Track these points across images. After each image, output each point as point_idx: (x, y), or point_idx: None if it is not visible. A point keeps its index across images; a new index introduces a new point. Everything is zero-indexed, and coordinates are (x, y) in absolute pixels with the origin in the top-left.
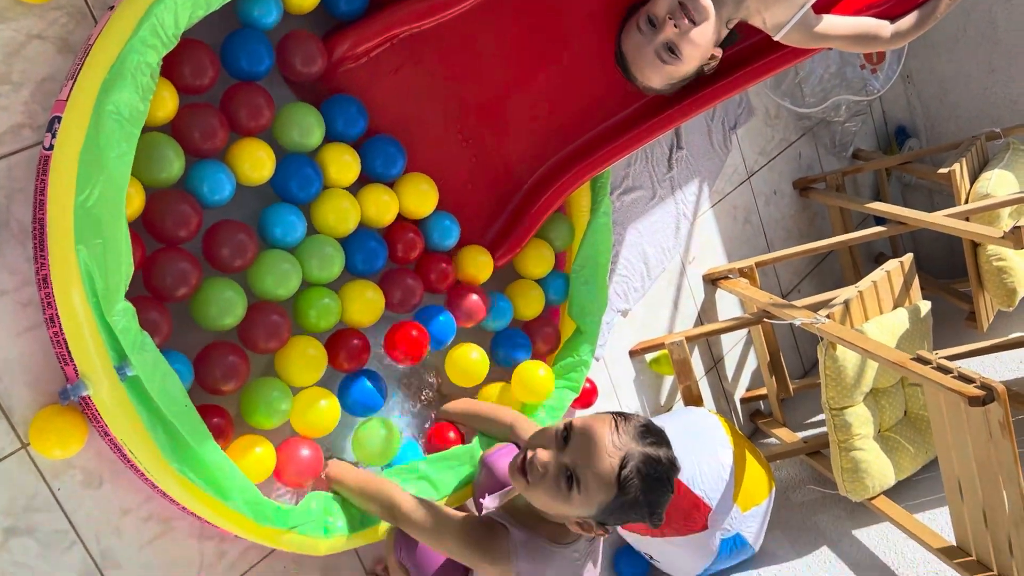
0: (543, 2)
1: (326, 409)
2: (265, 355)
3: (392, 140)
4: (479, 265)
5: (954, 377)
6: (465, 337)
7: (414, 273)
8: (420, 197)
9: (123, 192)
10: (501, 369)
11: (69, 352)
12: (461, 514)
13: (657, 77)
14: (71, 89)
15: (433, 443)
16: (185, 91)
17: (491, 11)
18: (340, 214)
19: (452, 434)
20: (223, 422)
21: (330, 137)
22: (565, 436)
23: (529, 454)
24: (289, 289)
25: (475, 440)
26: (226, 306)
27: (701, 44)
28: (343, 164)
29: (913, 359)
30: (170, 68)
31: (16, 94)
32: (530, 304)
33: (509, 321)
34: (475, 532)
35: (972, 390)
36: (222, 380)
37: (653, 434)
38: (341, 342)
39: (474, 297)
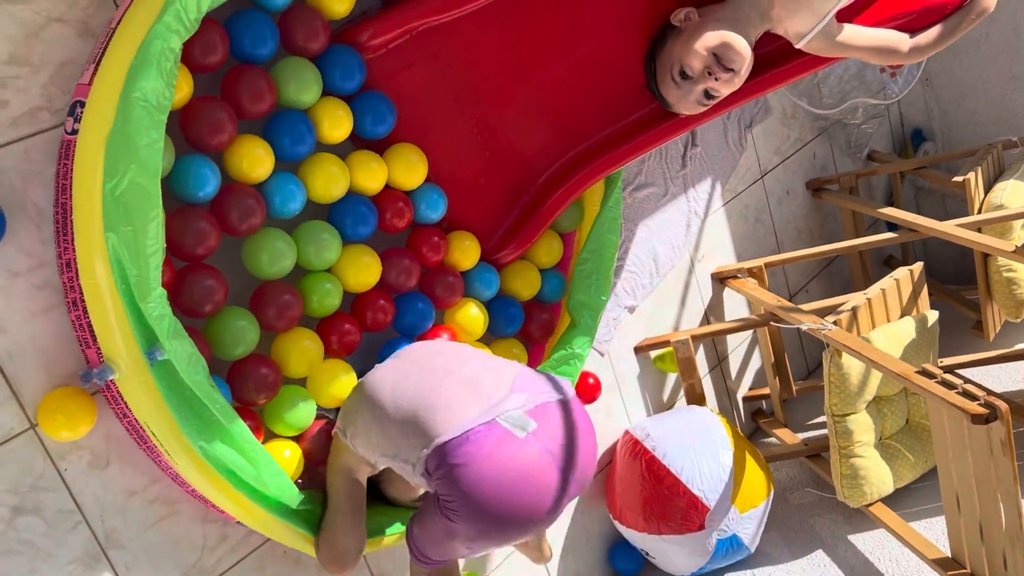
0: None
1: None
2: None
3: (383, 97)
4: (464, 251)
5: (958, 393)
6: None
7: (410, 252)
8: (408, 167)
9: (156, 180)
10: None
11: (93, 336)
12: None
13: (694, 112)
14: (94, 73)
15: None
16: (196, 70)
17: (510, 5)
18: (330, 178)
19: None
20: (253, 425)
21: (326, 92)
22: None
23: None
24: (283, 268)
25: None
26: (239, 334)
27: (739, 83)
28: (335, 119)
29: (918, 372)
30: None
31: (35, 76)
32: (526, 285)
33: (495, 291)
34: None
35: (975, 408)
36: (256, 392)
37: None
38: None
39: (450, 279)
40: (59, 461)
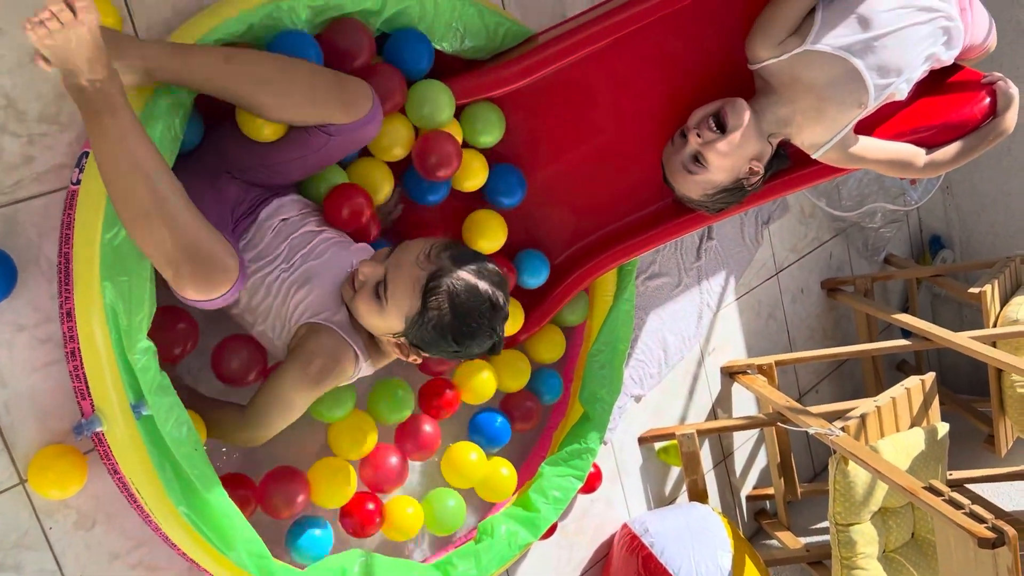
0: (600, 86)
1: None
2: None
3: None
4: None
5: (965, 513)
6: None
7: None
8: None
9: None
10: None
11: (88, 387)
12: None
13: (690, 187)
14: None
15: None
16: None
17: (536, 90)
18: None
19: None
20: (249, 494)
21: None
22: (390, 252)
23: (357, 267)
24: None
25: None
26: None
27: (730, 154)
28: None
29: (925, 488)
30: None
31: (61, 135)
32: (515, 377)
33: None
34: None
35: (982, 531)
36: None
37: (477, 263)
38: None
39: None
40: (45, 519)
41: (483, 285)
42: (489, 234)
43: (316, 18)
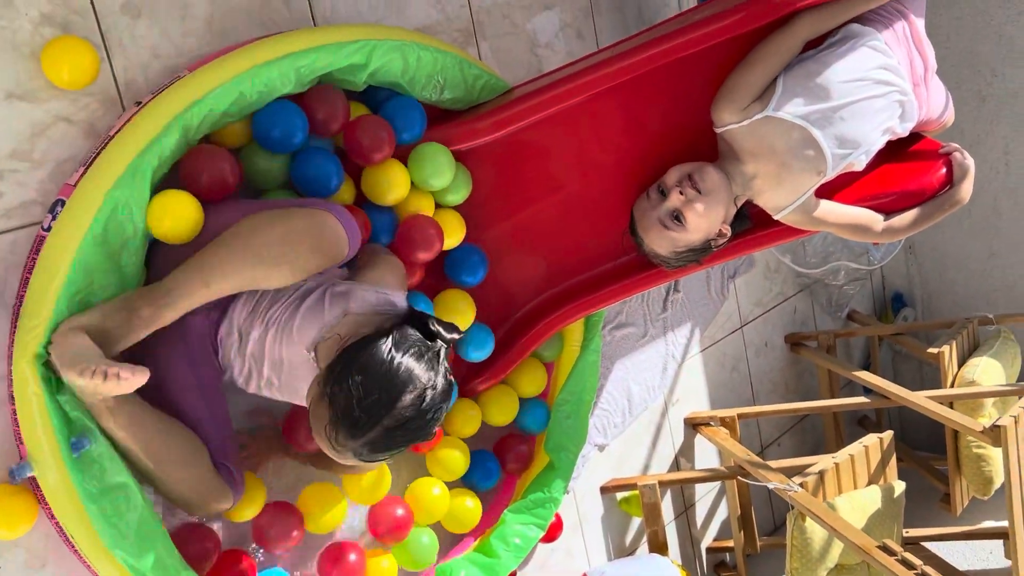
0: (570, 141)
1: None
2: None
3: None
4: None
5: (917, 574)
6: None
7: None
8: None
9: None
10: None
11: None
12: None
13: (661, 243)
14: (82, 175)
15: None
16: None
17: (508, 142)
18: None
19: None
20: (211, 547)
21: None
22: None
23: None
24: None
25: None
26: None
27: (707, 216)
28: None
29: (879, 547)
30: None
31: (34, 172)
32: (503, 411)
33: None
34: None
35: None
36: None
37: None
38: None
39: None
40: None
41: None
42: (459, 318)
43: (306, 78)
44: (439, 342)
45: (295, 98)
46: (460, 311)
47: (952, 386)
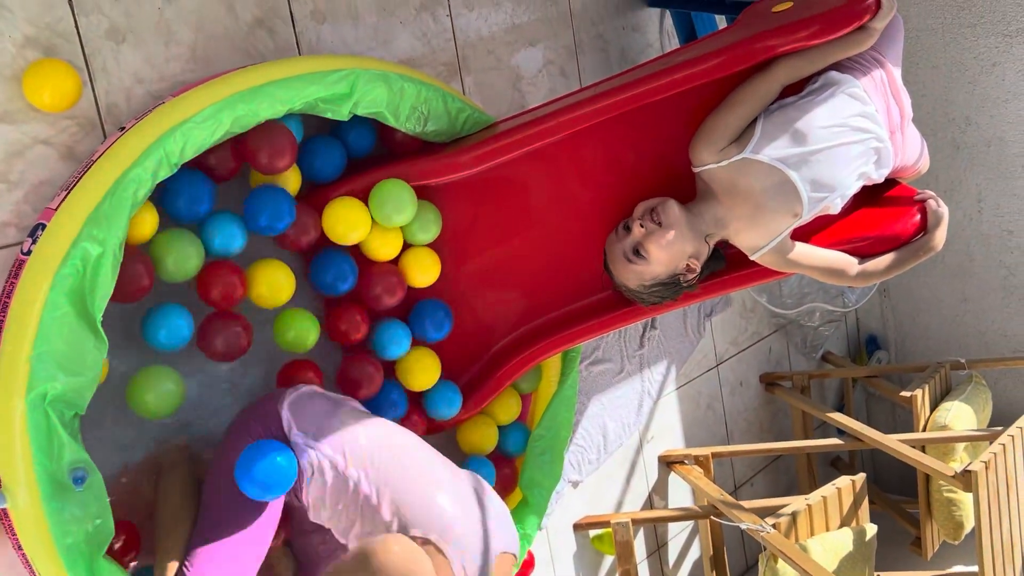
0: (548, 177)
1: None
2: None
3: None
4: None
5: None
6: None
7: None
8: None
9: (96, 326)
10: None
11: None
12: None
13: (628, 276)
14: (63, 200)
15: None
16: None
17: (488, 178)
18: None
19: None
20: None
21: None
22: None
23: None
24: None
25: None
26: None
27: (668, 248)
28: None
29: None
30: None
31: (10, 194)
32: (484, 440)
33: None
34: None
35: None
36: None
37: None
38: None
39: None
40: None
41: None
42: (422, 377)
43: (289, 106)
44: None
45: (232, 141)
46: (425, 369)
47: (924, 430)
